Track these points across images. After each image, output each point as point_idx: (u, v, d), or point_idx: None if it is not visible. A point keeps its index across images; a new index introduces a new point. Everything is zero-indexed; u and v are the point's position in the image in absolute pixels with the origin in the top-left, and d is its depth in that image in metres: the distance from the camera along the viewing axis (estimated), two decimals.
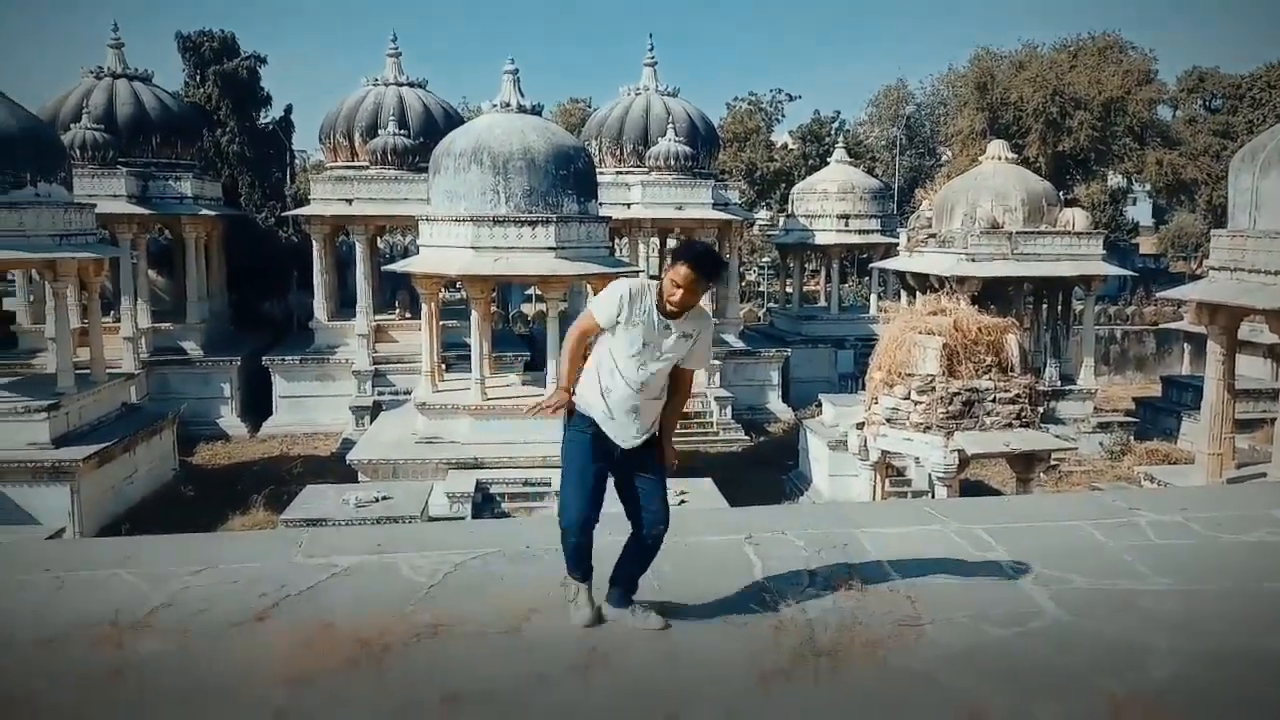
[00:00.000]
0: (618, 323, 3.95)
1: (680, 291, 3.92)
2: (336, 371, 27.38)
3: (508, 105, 20.34)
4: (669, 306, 3.96)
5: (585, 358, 4.15)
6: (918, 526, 5.17)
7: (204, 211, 28.19)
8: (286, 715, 3.18)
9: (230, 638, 3.77)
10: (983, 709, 3.28)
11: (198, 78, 34.02)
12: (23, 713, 3.20)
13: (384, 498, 14.45)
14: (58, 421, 18.70)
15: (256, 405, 28.04)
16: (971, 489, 17.98)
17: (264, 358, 27.73)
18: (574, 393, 4.02)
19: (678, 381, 4.16)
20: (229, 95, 33.29)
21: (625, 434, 4.00)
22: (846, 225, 33.35)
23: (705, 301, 4.55)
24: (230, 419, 27.46)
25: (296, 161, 43.97)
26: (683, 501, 14.28)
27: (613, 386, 3.99)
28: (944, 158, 56.24)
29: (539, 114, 21.00)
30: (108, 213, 25.16)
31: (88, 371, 21.12)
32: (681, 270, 3.91)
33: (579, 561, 4.01)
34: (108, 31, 29.34)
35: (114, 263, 26.10)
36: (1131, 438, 24.21)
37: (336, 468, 20.92)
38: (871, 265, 33.11)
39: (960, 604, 4.12)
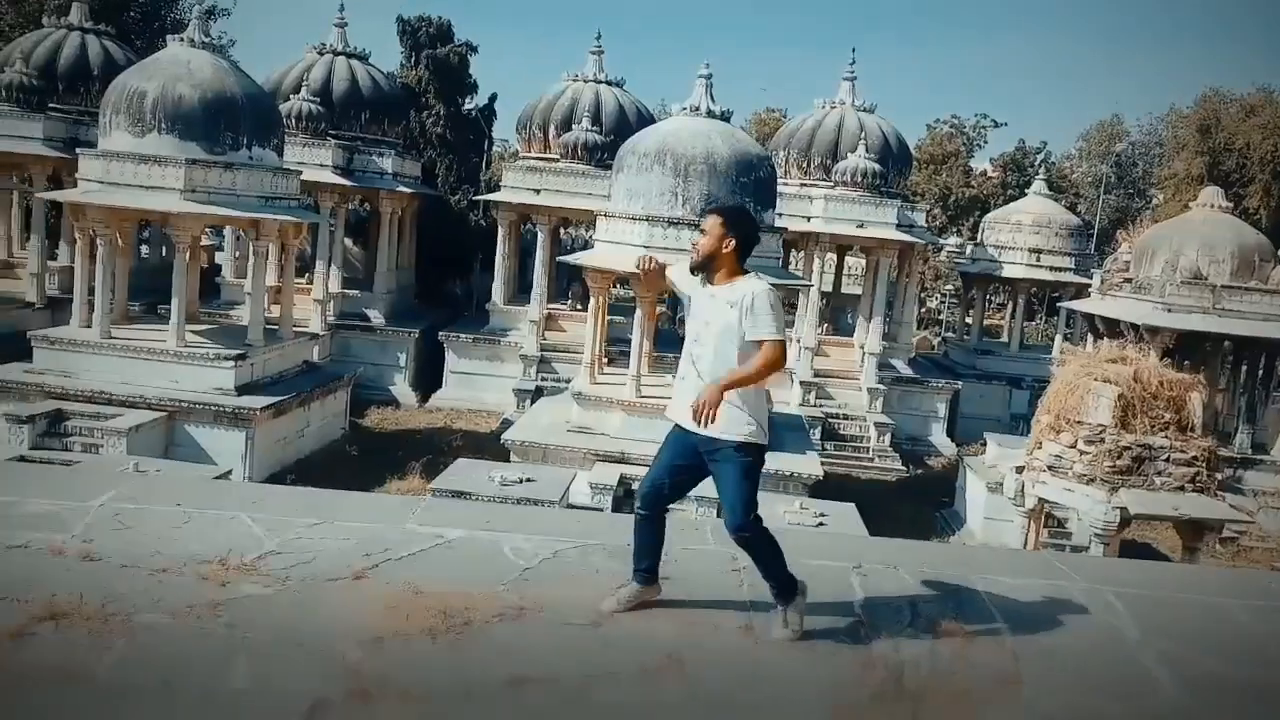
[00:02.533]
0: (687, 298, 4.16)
1: (702, 238, 4.02)
2: (506, 353, 28.17)
3: (697, 109, 20.39)
4: (695, 259, 4.05)
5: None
6: (1041, 580, 4.87)
7: (401, 188, 29.48)
8: (358, 673, 3.27)
9: (325, 591, 3.91)
10: None
11: (412, 60, 35.56)
12: (121, 628, 3.40)
13: (528, 480, 14.75)
14: (243, 371, 19.93)
15: (429, 377, 29.16)
16: (1135, 551, 16.91)
17: (440, 333, 28.79)
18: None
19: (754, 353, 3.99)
20: (438, 79, 34.66)
21: (684, 415, 4.00)
22: (1038, 260, 31.94)
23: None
24: (403, 387, 28.65)
25: (495, 149, 45.43)
26: (820, 524, 13.97)
27: (681, 371, 4.15)
28: (1155, 201, 53.16)
29: (728, 120, 20.96)
30: (313, 180, 26.67)
31: (277, 328, 22.45)
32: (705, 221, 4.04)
33: (638, 550, 4.05)
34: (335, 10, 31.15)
35: (314, 228, 27.66)
36: None
37: (493, 445, 21.47)
38: (1060, 304, 31.60)
39: (1068, 668, 3.86)
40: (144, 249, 31.43)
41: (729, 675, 3.53)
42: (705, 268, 4.03)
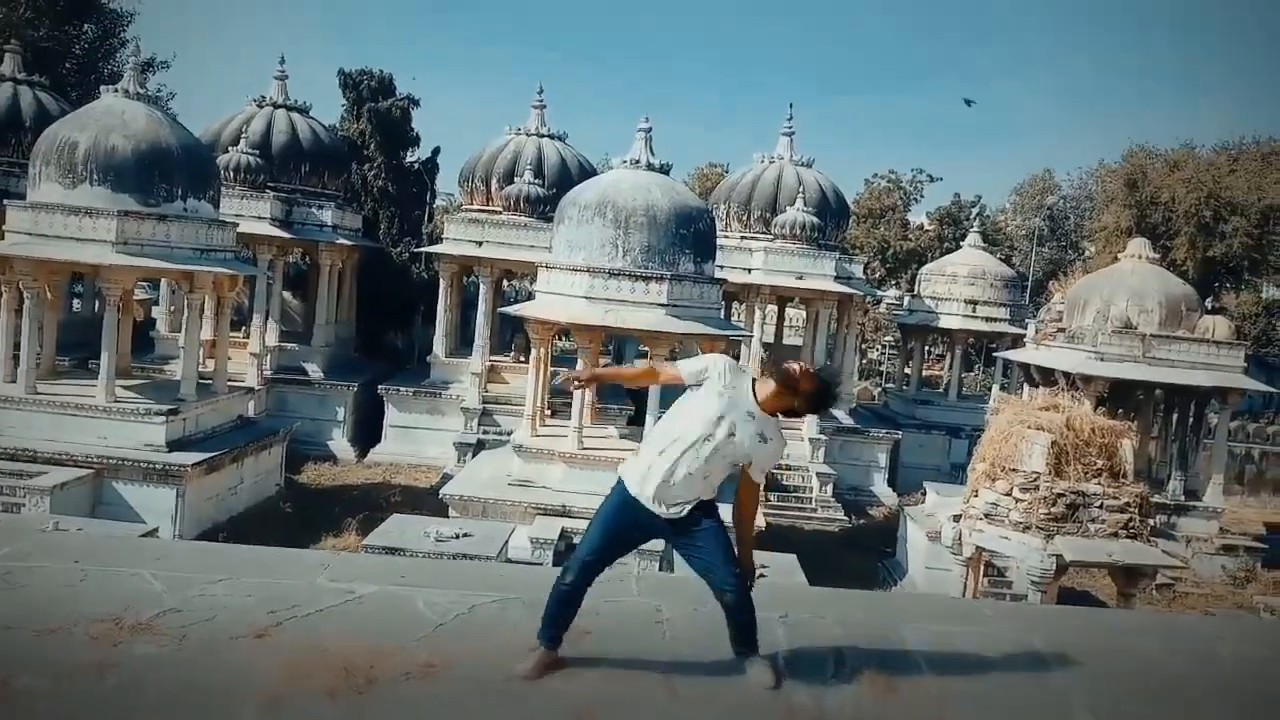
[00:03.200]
0: (704, 379, 3.94)
1: (777, 400, 3.93)
2: (447, 407, 27.85)
3: (637, 162, 20.53)
4: (757, 398, 3.95)
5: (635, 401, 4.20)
6: (969, 627, 4.81)
7: (341, 240, 29.23)
8: None
9: (223, 650, 3.72)
10: None
11: (354, 113, 35.50)
12: None
13: (464, 535, 14.48)
14: (174, 426, 19.43)
15: (368, 432, 28.70)
16: (1073, 598, 17.02)
17: (380, 386, 28.42)
18: (596, 379, 4.21)
19: (743, 490, 4.13)
20: (380, 132, 34.61)
21: (659, 496, 3.94)
22: (973, 311, 32.49)
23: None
24: (341, 442, 28.17)
25: (440, 202, 45.36)
26: (761, 575, 13.85)
27: (671, 449, 3.94)
28: (1087, 253, 54.50)
29: (667, 173, 21.13)
30: (251, 233, 26.36)
31: (211, 382, 21.99)
32: (803, 389, 3.91)
33: (555, 617, 3.89)
34: (276, 64, 31.03)
35: (251, 281, 27.28)
36: (1259, 564, 22.62)
37: (433, 501, 21.13)
38: (996, 354, 32.12)
39: (994, 714, 3.79)
40: (76, 302, 30.76)
41: None
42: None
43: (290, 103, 30.45)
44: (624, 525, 4.00)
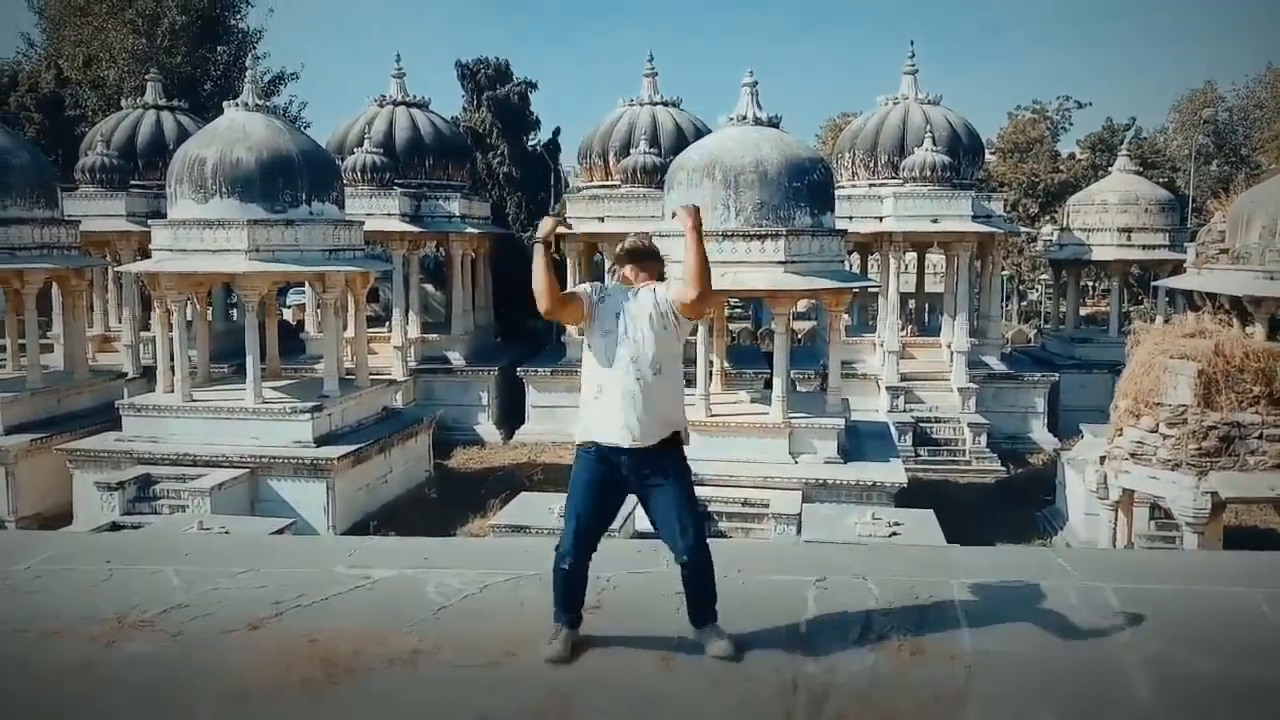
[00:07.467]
0: (593, 303, 3.95)
1: (630, 273, 4.07)
2: None
3: (744, 118, 20.03)
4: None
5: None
6: (1031, 581, 4.35)
7: (470, 230, 29.73)
8: None
9: (213, 645, 3.68)
10: None
11: (474, 102, 36.07)
12: None
13: None
14: (320, 422, 20.16)
15: (512, 414, 29.22)
16: (1245, 539, 15.73)
17: (519, 368, 28.85)
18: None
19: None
20: (500, 119, 35.06)
21: (628, 425, 3.74)
22: (1128, 239, 30.43)
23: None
24: (487, 426, 28.76)
25: (573, 181, 45.69)
26: (893, 535, 13.32)
27: (605, 380, 3.84)
28: (1265, 167, 50.35)
29: (777, 126, 20.52)
30: (382, 230, 27.12)
31: (355, 377, 22.73)
32: (625, 269, 4.03)
33: (565, 598, 3.70)
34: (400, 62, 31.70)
35: (389, 276, 28.08)
36: None
37: None
38: (1154, 283, 30.04)
39: (1028, 679, 3.38)
40: (233, 311, 32.38)
41: (618, 711, 3.17)
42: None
43: (410, 99, 31.08)
44: (596, 483, 3.81)
